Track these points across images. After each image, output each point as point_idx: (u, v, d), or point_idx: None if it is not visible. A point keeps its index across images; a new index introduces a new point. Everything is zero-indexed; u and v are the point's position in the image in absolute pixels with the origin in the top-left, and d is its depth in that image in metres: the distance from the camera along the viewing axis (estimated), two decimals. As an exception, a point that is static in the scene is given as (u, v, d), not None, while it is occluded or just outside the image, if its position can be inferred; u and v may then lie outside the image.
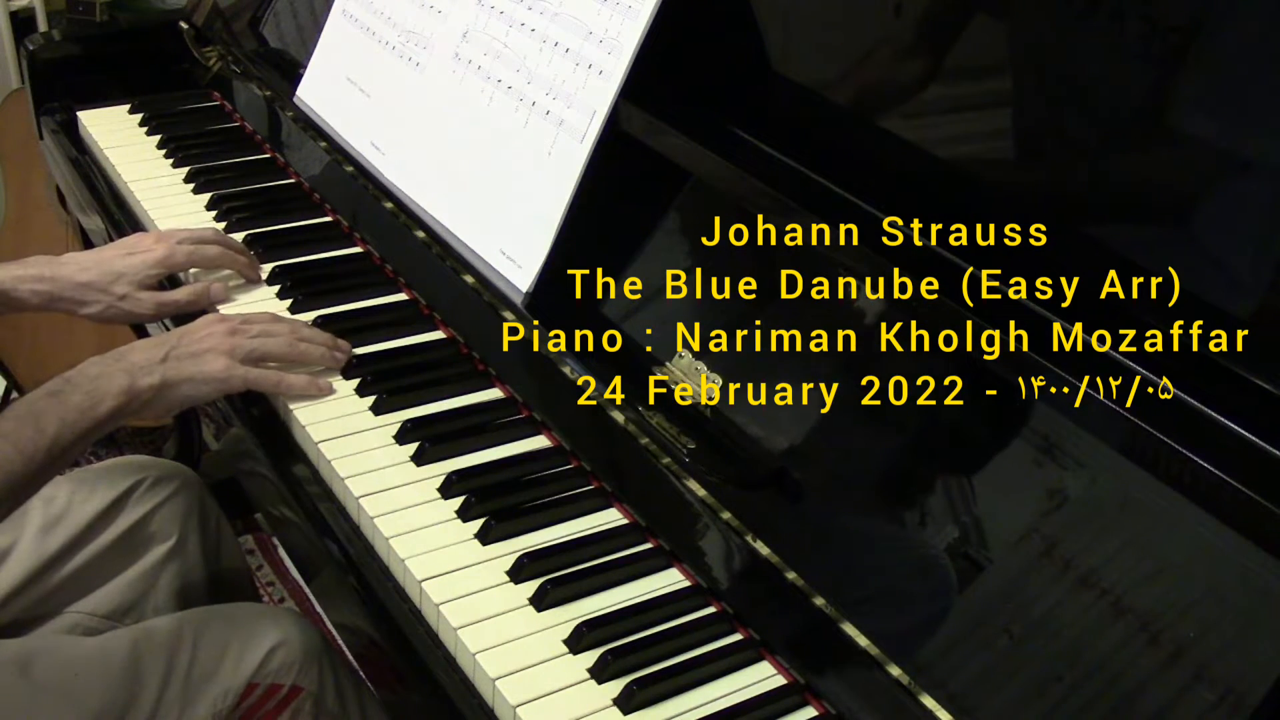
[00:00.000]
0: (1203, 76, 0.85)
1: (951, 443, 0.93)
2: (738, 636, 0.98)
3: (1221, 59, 0.84)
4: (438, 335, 1.31)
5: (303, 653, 1.18)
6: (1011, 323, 0.87)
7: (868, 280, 0.99)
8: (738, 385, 1.05)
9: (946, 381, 0.95)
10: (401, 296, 1.37)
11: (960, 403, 0.93)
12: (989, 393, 0.91)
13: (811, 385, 1.02)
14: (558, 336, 1.15)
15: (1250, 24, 0.82)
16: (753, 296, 1.10)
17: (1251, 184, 0.84)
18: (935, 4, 1.04)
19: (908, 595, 0.91)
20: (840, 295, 1.03)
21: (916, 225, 0.96)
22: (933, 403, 0.95)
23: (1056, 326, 0.86)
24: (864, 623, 0.90)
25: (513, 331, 1.21)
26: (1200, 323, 0.84)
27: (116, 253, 1.32)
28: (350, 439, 1.14)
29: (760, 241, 1.12)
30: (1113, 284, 0.90)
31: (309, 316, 1.31)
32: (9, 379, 2.40)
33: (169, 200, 1.55)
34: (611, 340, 1.15)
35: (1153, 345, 0.84)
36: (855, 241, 0.97)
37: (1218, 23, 0.84)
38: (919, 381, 0.96)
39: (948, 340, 0.93)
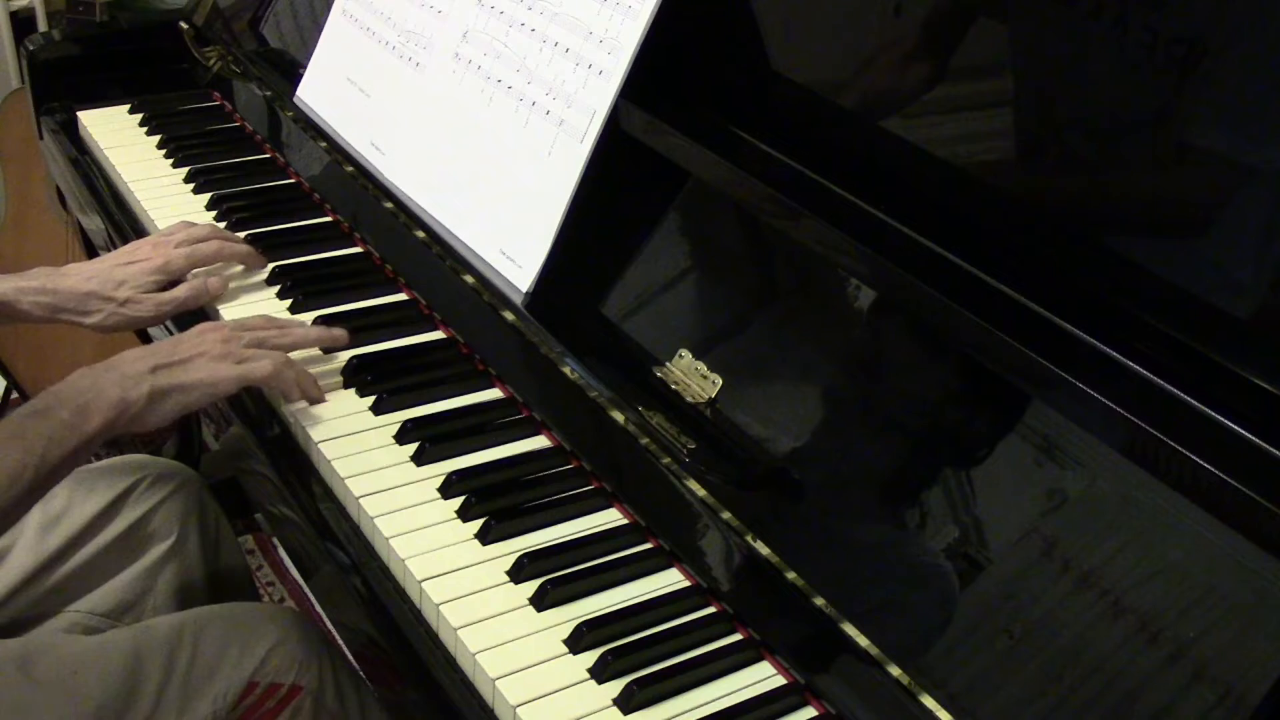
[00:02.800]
0: (1204, 82, 0.85)
1: (951, 443, 0.93)
2: (738, 636, 0.98)
3: (1223, 67, 0.84)
4: (438, 335, 1.31)
5: (302, 652, 1.18)
6: (1012, 323, 0.87)
7: (868, 280, 0.99)
8: (738, 385, 1.05)
9: (946, 381, 0.95)
10: (401, 296, 1.37)
11: (960, 403, 0.93)
12: (989, 393, 0.91)
13: (811, 385, 1.02)
14: (558, 336, 1.15)
15: (1253, 35, 0.82)
16: (753, 296, 1.10)
17: (1251, 184, 0.84)
18: (935, 5, 1.04)
19: (908, 595, 0.91)
20: (840, 295, 1.03)
21: (916, 225, 0.96)
22: (933, 403, 0.95)
23: (1057, 326, 0.86)
24: (864, 623, 0.90)
25: (513, 331, 1.21)
26: (1200, 323, 0.84)
27: (116, 261, 1.32)
28: (350, 439, 1.14)
29: (760, 242, 1.12)
30: (1113, 284, 0.90)
31: (309, 316, 1.31)
32: (9, 379, 2.40)
33: (169, 200, 1.55)
34: (611, 340, 1.15)
35: (1153, 345, 0.84)
36: (855, 241, 0.97)
37: (1219, 34, 0.84)
38: (919, 381, 0.97)
39: (948, 340, 0.93)
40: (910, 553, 0.91)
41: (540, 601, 0.98)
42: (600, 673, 0.93)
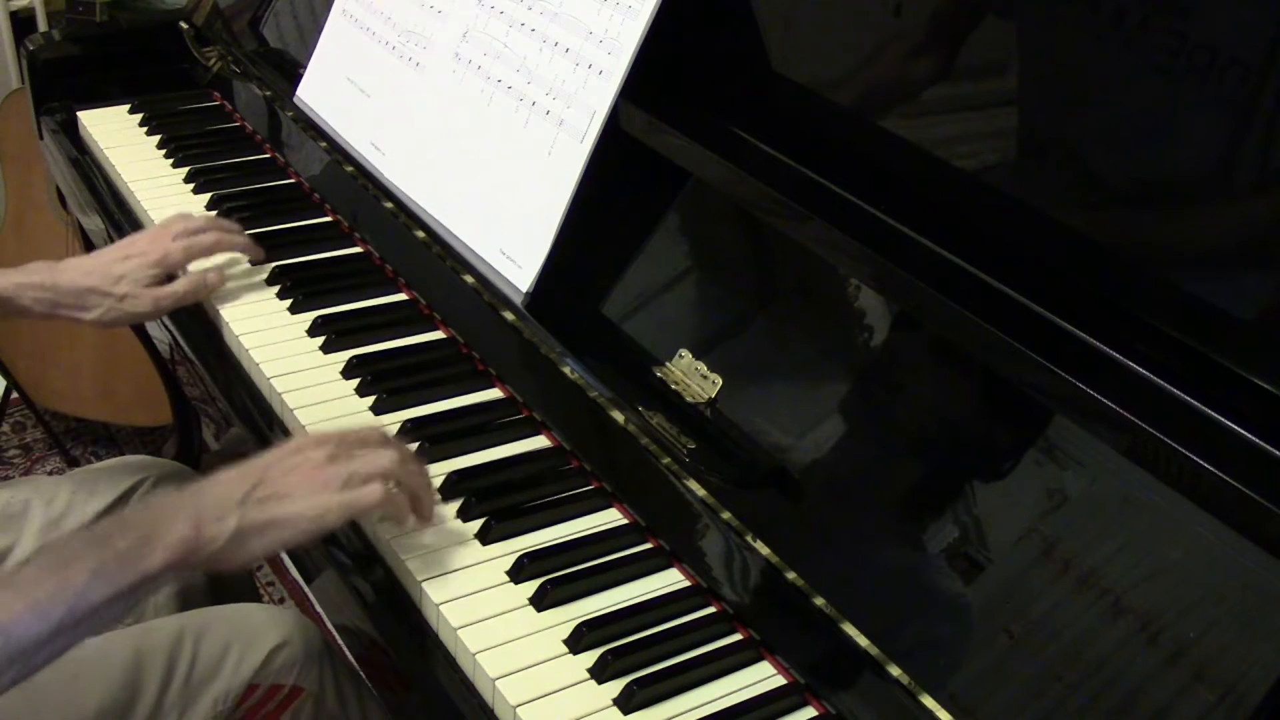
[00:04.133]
0: (1202, 79, 0.85)
1: (952, 443, 0.93)
2: (738, 636, 0.98)
3: (1228, 69, 0.84)
4: (438, 335, 1.31)
5: (303, 653, 1.18)
6: (1012, 323, 0.87)
7: (868, 280, 0.99)
8: (738, 385, 1.05)
9: (947, 382, 0.95)
10: (401, 296, 1.37)
11: (960, 403, 0.93)
12: (989, 393, 0.91)
13: (811, 385, 1.02)
14: (558, 336, 1.15)
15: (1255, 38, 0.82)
16: (753, 297, 1.10)
17: (1251, 182, 0.84)
18: (934, 4, 1.04)
19: (907, 595, 0.91)
20: (840, 295, 1.03)
21: (916, 225, 0.96)
22: (932, 403, 0.95)
23: (1057, 326, 0.86)
24: (864, 623, 0.90)
25: (513, 331, 1.21)
26: (1201, 323, 0.84)
27: (114, 256, 1.32)
28: (350, 439, 1.14)
29: (760, 242, 1.12)
30: (1114, 284, 0.90)
31: (309, 316, 1.31)
32: (9, 379, 2.40)
33: (169, 200, 1.55)
34: (611, 340, 1.15)
35: (1153, 346, 0.84)
36: (855, 241, 0.97)
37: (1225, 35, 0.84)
38: (919, 381, 0.96)
39: (949, 341, 0.93)
40: (910, 552, 0.91)
41: (540, 601, 0.98)
42: (600, 673, 0.93)
